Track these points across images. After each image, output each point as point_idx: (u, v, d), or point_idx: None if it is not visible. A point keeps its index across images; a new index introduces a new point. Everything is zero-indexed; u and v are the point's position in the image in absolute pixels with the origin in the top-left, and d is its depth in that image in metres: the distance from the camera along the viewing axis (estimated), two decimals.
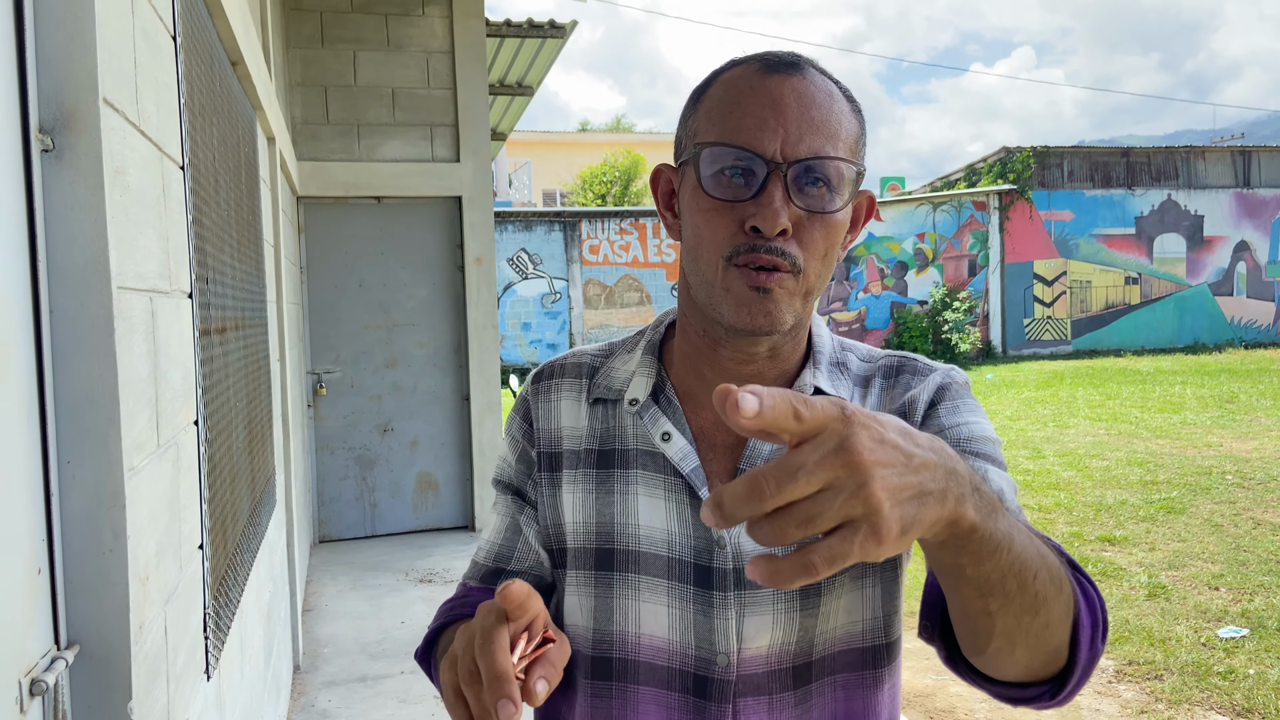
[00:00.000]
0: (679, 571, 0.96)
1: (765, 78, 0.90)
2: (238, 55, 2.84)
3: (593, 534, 1.00)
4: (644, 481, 0.99)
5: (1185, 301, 19.06)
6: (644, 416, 1.00)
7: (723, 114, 0.91)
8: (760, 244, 0.88)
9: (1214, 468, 7.67)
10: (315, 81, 6.26)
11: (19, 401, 1.00)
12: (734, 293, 0.90)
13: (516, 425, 1.08)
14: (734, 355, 0.97)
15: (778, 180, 0.87)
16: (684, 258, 0.98)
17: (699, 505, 0.96)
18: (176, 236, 1.62)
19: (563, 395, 1.06)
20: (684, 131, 0.97)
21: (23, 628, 0.98)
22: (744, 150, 0.88)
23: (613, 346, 1.10)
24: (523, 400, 1.09)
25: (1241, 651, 4.14)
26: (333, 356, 6.55)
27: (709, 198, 0.90)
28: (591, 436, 1.03)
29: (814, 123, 0.89)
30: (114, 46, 1.21)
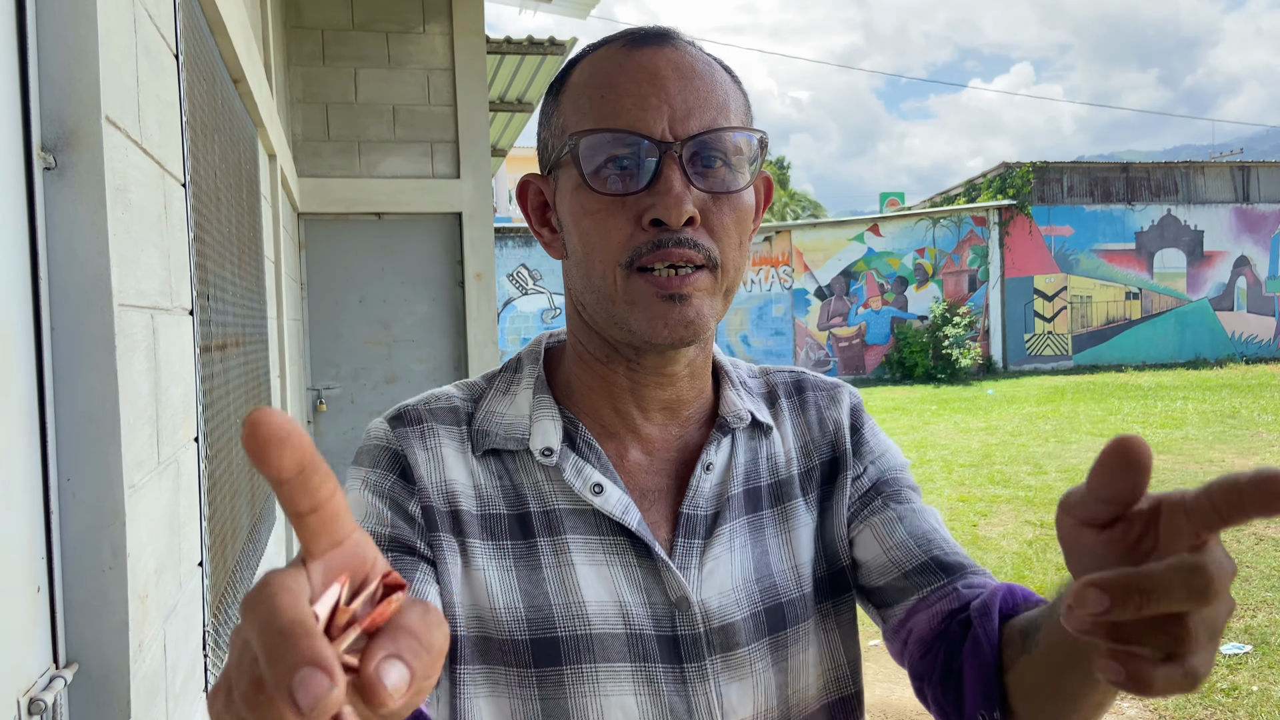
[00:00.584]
0: (642, 649, 0.80)
1: (635, 53, 0.79)
2: (239, 73, 2.85)
3: (523, 622, 0.79)
4: (579, 548, 0.81)
5: (1186, 317, 19.07)
6: (564, 468, 0.82)
7: (593, 100, 0.79)
8: (666, 238, 0.76)
9: None
10: (316, 98, 6.29)
11: (19, 418, 1.00)
12: (641, 305, 0.77)
13: (378, 480, 0.82)
14: (650, 379, 0.85)
15: (672, 163, 0.76)
16: (571, 275, 0.85)
17: (650, 567, 0.81)
18: (178, 253, 1.63)
19: (441, 443, 0.84)
20: (549, 133, 0.84)
21: (21, 646, 0.98)
22: (628, 134, 0.76)
23: (474, 389, 0.89)
24: (381, 452, 0.83)
25: (1244, 668, 4.12)
26: (333, 372, 6.55)
27: (596, 196, 0.78)
28: (494, 497, 0.83)
29: (700, 94, 0.78)
30: (116, 65, 1.22)
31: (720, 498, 0.86)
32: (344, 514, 0.43)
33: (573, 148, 0.78)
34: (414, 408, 0.86)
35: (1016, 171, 18.61)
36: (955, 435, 10.97)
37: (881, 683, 4.17)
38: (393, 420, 0.86)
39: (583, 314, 0.85)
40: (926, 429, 11.58)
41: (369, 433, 0.86)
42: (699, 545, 0.83)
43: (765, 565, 0.86)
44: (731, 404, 0.89)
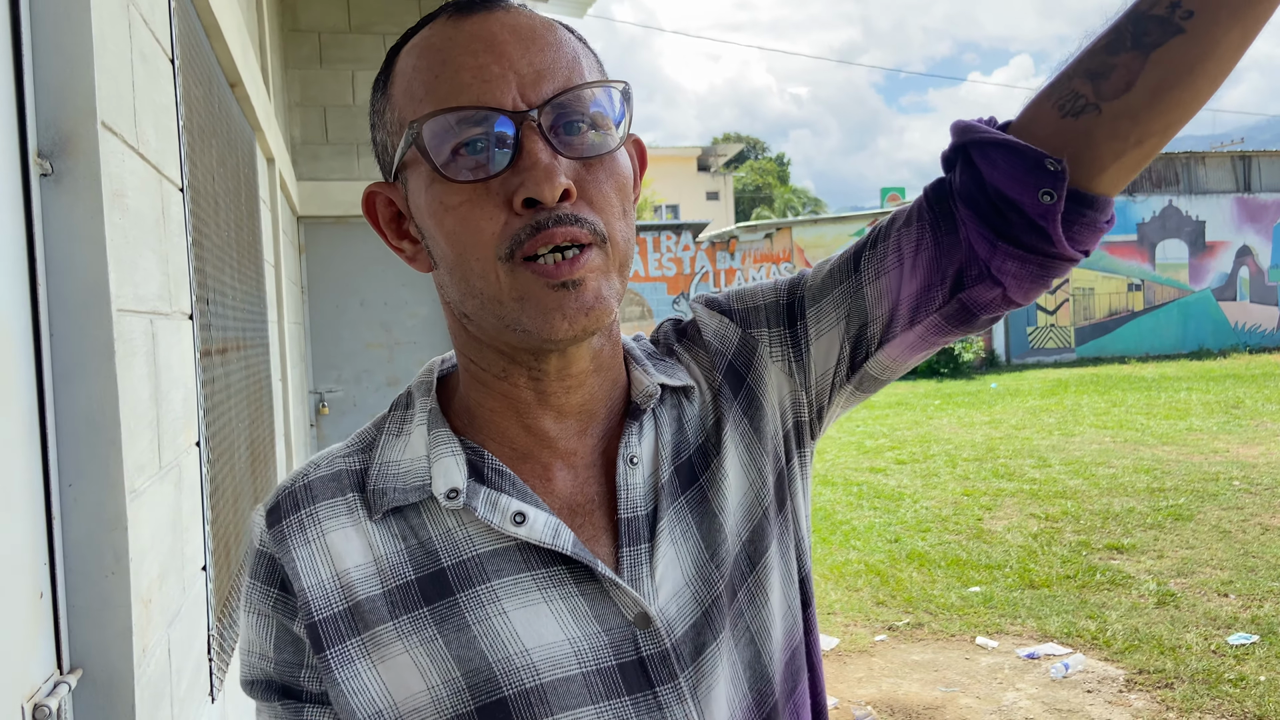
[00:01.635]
0: (605, 685, 0.71)
1: (463, 22, 0.70)
2: (236, 77, 2.85)
3: (463, 692, 0.70)
4: (507, 592, 0.71)
5: (1189, 307, 19.05)
6: (475, 506, 0.72)
7: (428, 82, 0.70)
8: (544, 218, 0.67)
9: (1221, 474, 7.65)
10: (314, 102, 6.29)
11: (20, 424, 1.00)
12: (532, 299, 0.68)
13: (260, 596, 0.74)
14: (556, 386, 0.75)
15: (533, 132, 0.67)
16: (445, 285, 0.74)
17: (595, 588, 0.72)
18: (176, 258, 1.63)
19: (326, 528, 0.74)
20: (384, 133, 0.75)
21: (25, 652, 0.98)
22: (475, 109, 0.67)
23: (364, 439, 0.80)
24: (260, 558, 0.75)
25: (1252, 658, 4.11)
26: (335, 375, 6.55)
27: (454, 187, 0.68)
28: (399, 565, 0.73)
29: (546, 54, 0.70)
30: (112, 70, 1.22)
31: (655, 489, 0.77)
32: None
33: (414, 139, 0.69)
34: (291, 490, 0.76)
35: None
36: (959, 429, 10.97)
37: (887, 678, 4.17)
38: (270, 515, 0.75)
39: (468, 327, 0.75)
40: (930, 423, 11.58)
41: (250, 528, 0.77)
42: (645, 550, 0.75)
43: (714, 539, 0.78)
44: (640, 385, 0.80)
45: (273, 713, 0.75)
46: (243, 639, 0.77)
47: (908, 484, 8.15)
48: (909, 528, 6.69)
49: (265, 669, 0.75)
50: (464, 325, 0.76)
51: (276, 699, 0.74)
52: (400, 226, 0.78)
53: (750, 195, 51.43)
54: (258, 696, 0.76)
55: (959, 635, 4.66)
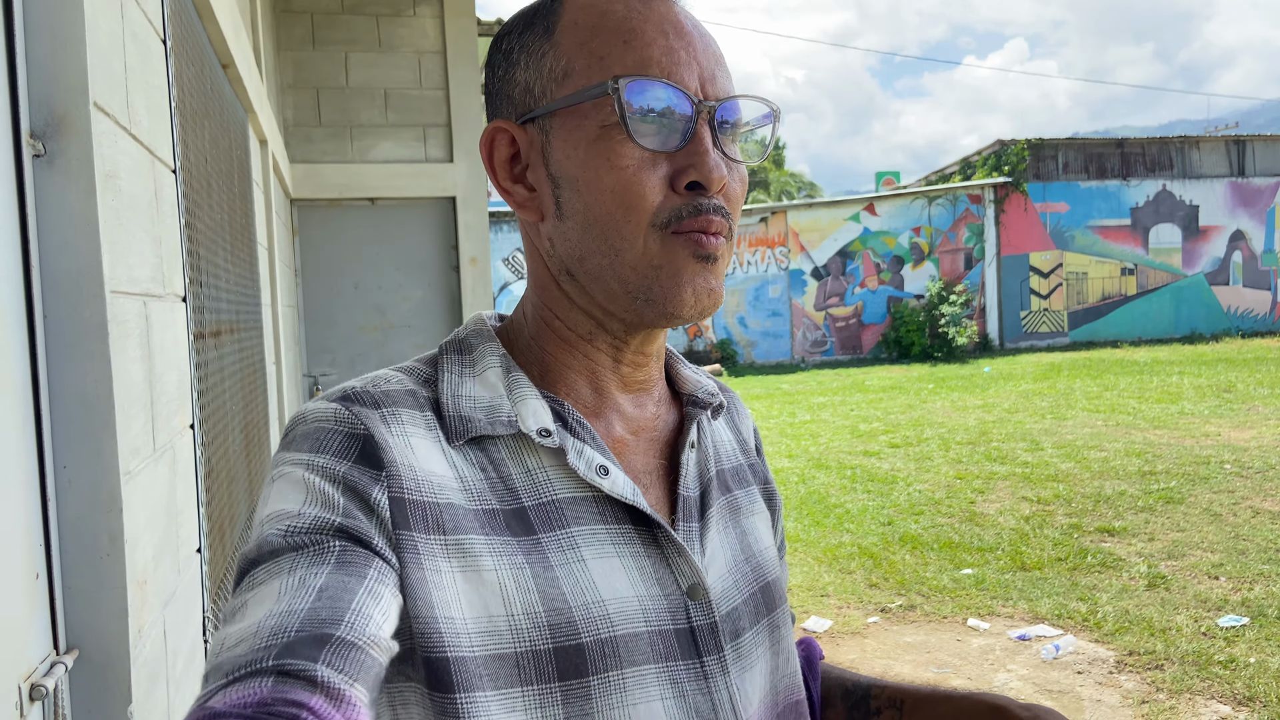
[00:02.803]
0: (664, 647, 0.71)
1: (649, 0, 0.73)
2: (228, 58, 2.84)
3: (544, 629, 0.67)
4: (586, 541, 0.71)
5: (1181, 292, 19.10)
6: (567, 449, 0.72)
7: (614, 44, 0.71)
8: (705, 203, 0.71)
9: (1212, 457, 7.69)
10: (307, 83, 6.26)
11: (14, 406, 1.00)
12: (672, 268, 0.71)
13: (330, 462, 0.65)
14: (632, 358, 0.79)
15: (705, 124, 0.71)
16: (568, 238, 0.74)
17: (658, 553, 0.74)
18: (169, 240, 1.62)
19: (409, 430, 0.69)
20: (534, 74, 0.74)
21: (21, 633, 0.98)
22: (670, 86, 0.70)
23: (419, 374, 0.76)
24: (333, 434, 0.67)
25: (1242, 640, 4.15)
26: (329, 359, 6.54)
27: (631, 149, 0.70)
28: (483, 490, 0.70)
29: (716, 57, 0.74)
30: (104, 50, 1.21)
31: (703, 478, 0.82)
32: None
33: (612, 90, 0.69)
34: (366, 390, 0.71)
35: (1012, 149, 18.57)
36: (952, 413, 11.00)
37: (880, 659, 4.19)
38: (341, 400, 0.69)
39: (564, 285, 0.76)
40: (923, 407, 11.61)
41: (303, 416, 0.69)
42: (697, 529, 0.78)
43: (748, 545, 0.84)
44: (694, 382, 0.85)
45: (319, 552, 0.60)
46: (284, 503, 0.63)
47: (901, 467, 8.18)
48: (902, 510, 6.72)
49: (324, 520, 0.62)
50: (559, 283, 0.77)
51: (337, 541, 0.61)
52: (514, 170, 0.77)
53: None
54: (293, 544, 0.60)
55: (951, 617, 4.69)
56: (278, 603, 0.56)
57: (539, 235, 0.77)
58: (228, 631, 0.56)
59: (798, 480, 7.85)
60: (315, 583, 0.57)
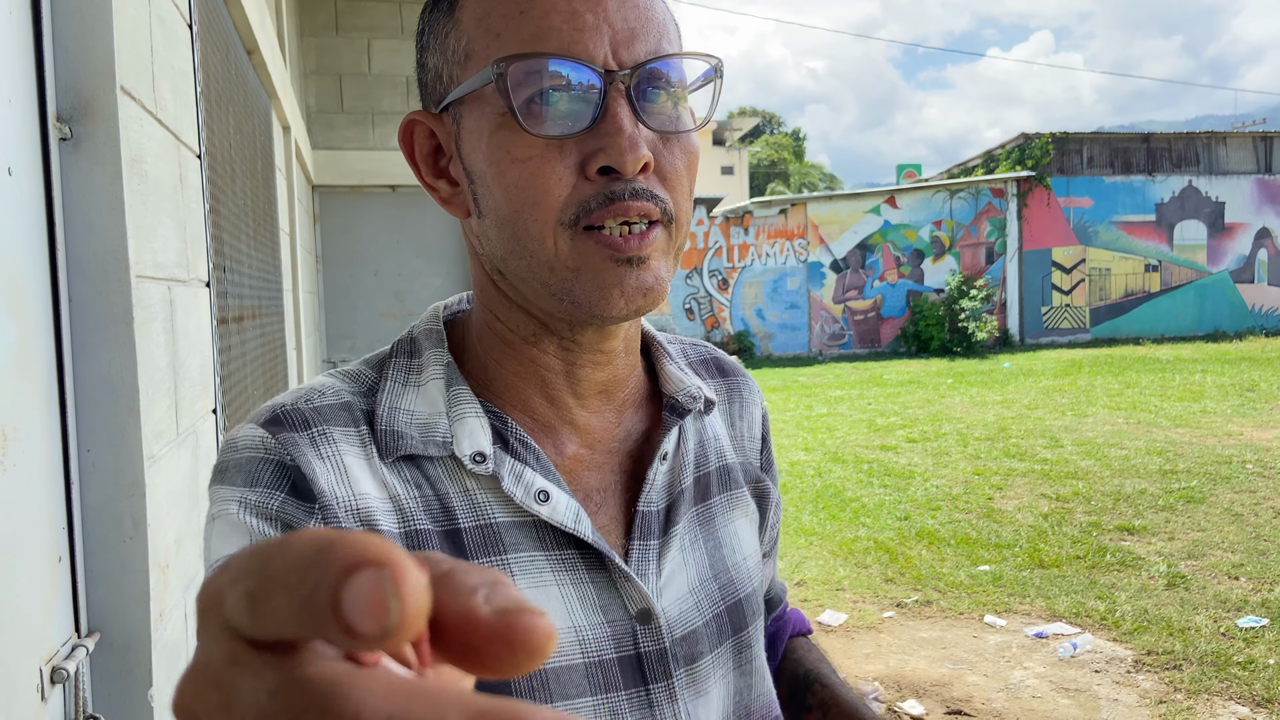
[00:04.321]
0: (604, 678, 0.68)
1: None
2: (253, 44, 2.84)
3: None
4: (522, 569, 0.67)
5: (1205, 289, 18.91)
6: (502, 475, 0.67)
7: (510, 17, 0.63)
8: (619, 189, 0.63)
9: (1234, 457, 7.62)
10: (330, 70, 6.27)
11: (39, 390, 1.01)
12: (591, 270, 0.64)
13: (261, 499, 0.62)
14: (586, 359, 0.72)
15: (620, 97, 0.62)
16: (486, 237, 0.68)
17: (603, 580, 0.69)
18: (194, 225, 1.63)
19: (340, 448, 0.66)
20: (441, 58, 0.68)
21: (43, 616, 0.99)
22: (567, 60, 0.62)
23: (361, 380, 0.72)
24: (263, 464, 0.63)
25: (1261, 641, 4.11)
26: (348, 345, 6.57)
27: (528, 139, 0.63)
28: (416, 510, 0.66)
29: (640, 13, 0.65)
30: (131, 35, 1.21)
31: (672, 489, 0.76)
32: None
33: (496, 76, 0.62)
34: (295, 408, 0.66)
35: (1035, 142, 18.42)
36: (971, 409, 10.94)
37: (895, 654, 4.18)
38: (269, 425, 0.65)
39: (499, 284, 0.70)
40: (942, 402, 11.55)
41: (234, 443, 0.65)
42: (655, 548, 0.73)
43: (720, 559, 0.78)
44: (678, 381, 0.77)
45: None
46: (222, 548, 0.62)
47: (918, 462, 8.15)
48: (919, 506, 6.69)
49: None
50: (495, 282, 0.71)
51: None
52: (438, 164, 0.72)
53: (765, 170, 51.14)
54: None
55: (967, 613, 4.67)
56: None
57: (470, 232, 0.72)
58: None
59: (814, 474, 7.83)
60: None
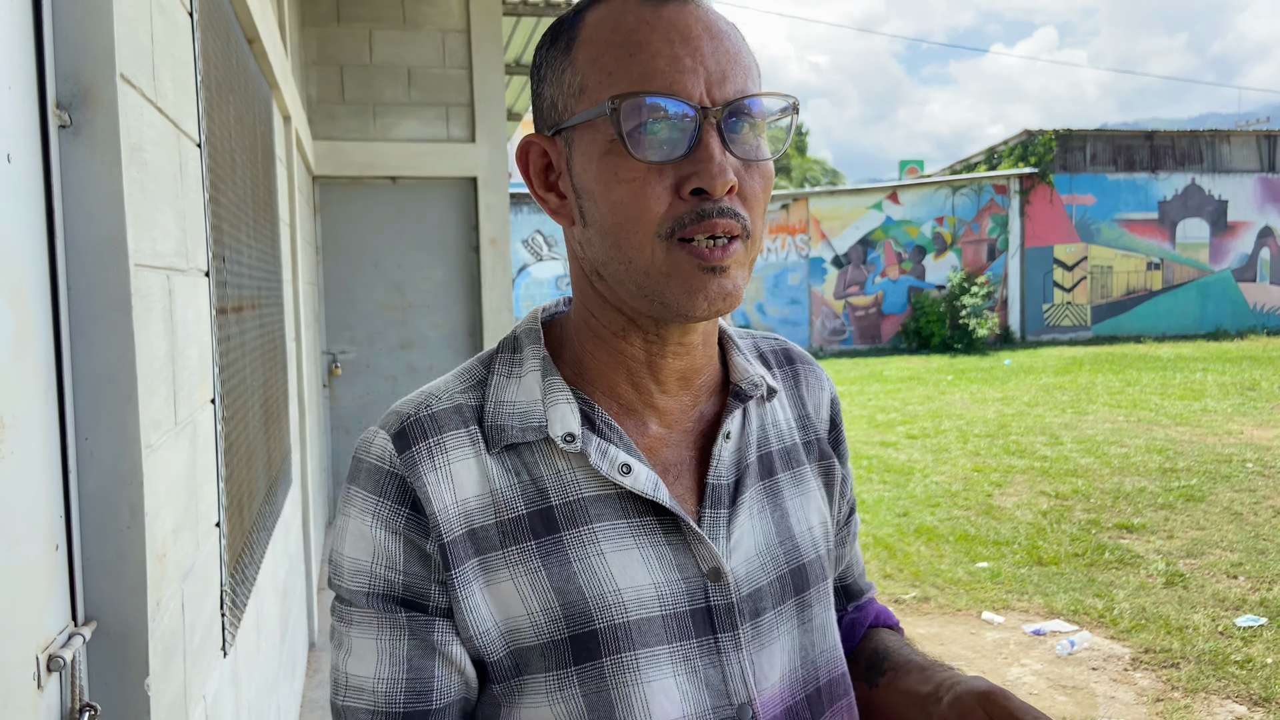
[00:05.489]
0: (678, 628, 0.79)
1: (659, 9, 0.75)
2: (254, 32, 2.83)
3: (560, 621, 0.77)
4: (606, 535, 0.79)
5: (1208, 287, 18.89)
6: (589, 452, 0.79)
7: (621, 59, 0.75)
8: (709, 208, 0.74)
9: (1234, 455, 7.62)
10: (331, 60, 6.25)
11: (38, 378, 1.00)
12: (680, 276, 0.75)
13: (390, 513, 0.78)
14: (668, 350, 0.83)
15: (711, 129, 0.74)
16: (592, 243, 0.79)
17: (679, 542, 0.81)
18: (193, 214, 1.62)
19: (451, 456, 0.79)
20: (558, 90, 0.79)
21: (40, 604, 0.98)
22: (670, 98, 0.73)
23: (473, 376, 0.85)
24: (389, 478, 0.79)
25: (1259, 640, 4.11)
26: (348, 337, 6.56)
27: (634, 163, 0.74)
28: (513, 498, 0.79)
29: (730, 56, 0.76)
30: (131, 22, 1.21)
31: (739, 465, 0.87)
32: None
33: (610, 111, 0.74)
34: (416, 419, 0.80)
35: (1039, 139, 18.38)
36: (971, 405, 10.94)
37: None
38: (397, 439, 0.79)
39: (596, 285, 0.82)
40: (942, 399, 11.55)
41: (369, 447, 0.81)
42: (725, 515, 0.84)
43: (786, 529, 0.89)
44: (743, 371, 0.89)
45: (394, 623, 0.78)
46: (359, 550, 0.79)
47: (918, 458, 8.15)
48: (918, 502, 6.69)
49: (390, 581, 0.78)
50: (593, 283, 0.82)
51: (402, 611, 0.78)
52: (549, 179, 0.83)
53: None
54: (374, 607, 0.79)
55: (965, 610, 4.67)
56: (379, 666, 0.78)
57: (573, 239, 0.83)
58: (345, 667, 0.80)
59: None
60: (401, 653, 0.78)
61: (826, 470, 0.96)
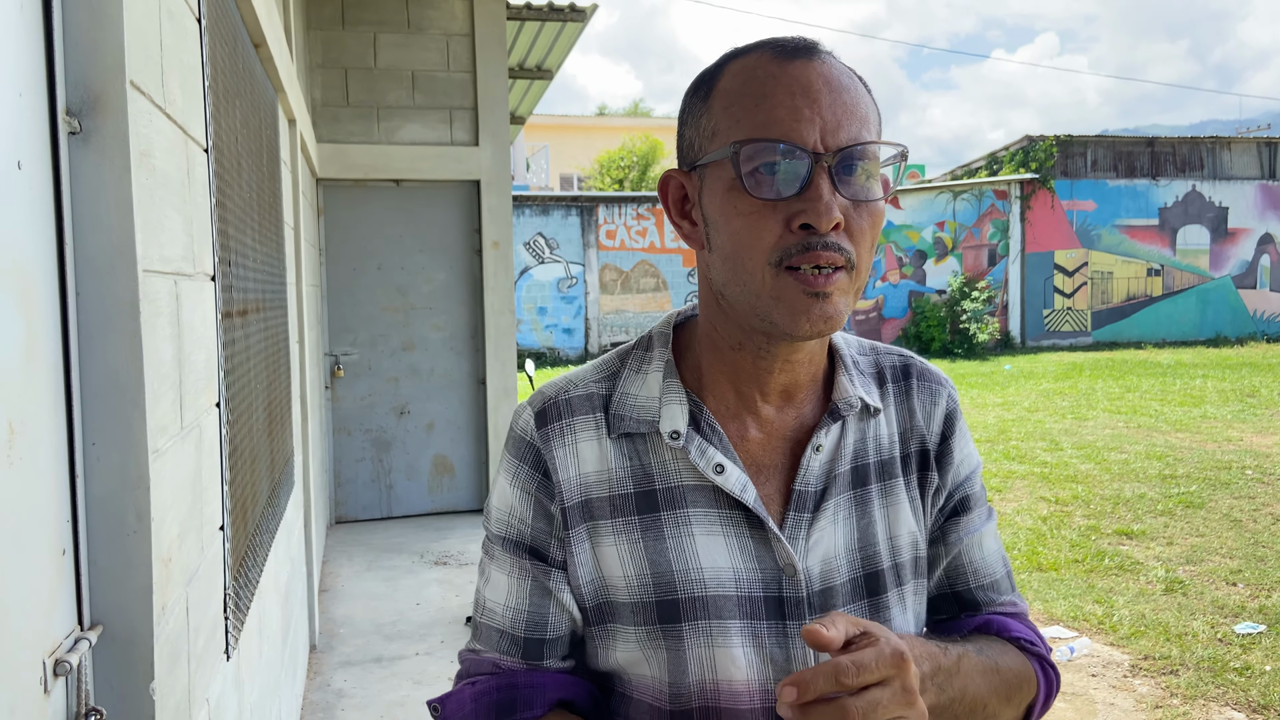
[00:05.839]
0: (750, 608, 0.92)
1: (786, 64, 0.85)
2: (260, 37, 2.84)
3: (650, 586, 0.92)
4: (699, 520, 0.93)
5: (1208, 294, 18.89)
6: (690, 450, 0.93)
7: (748, 107, 0.85)
8: (814, 241, 0.83)
9: (1234, 462, 7.62)
10: (335, 63, 6.26)
11: (45, 384, 1.01)
12: (787, 300, 0.85)
13: (527, 477, 0.96)
14: (775, 365, 0.94)
15: (822, 172, 0.83)
16: (715, 267, 0.91)
17: (761, 536, 0.93)
18: (200, 219, 1.63)
19: (579, 436, 0.96)
20: (695, 132, 0.91)
21: (47, 608, 0.99)
22: (785, 144, 0.83)
23: (609, 367, 1.00)
24: (529, 448, 0.96)
25: (1258, 647, 4.11)
26: (351, 339, 6.57)
27: (750, 199, 0.84)
28: (624, 478, 0.94)
29: (846, 107, 0.85)
30: (141, 29, 1.21)
31: (829, 475, 0.96)
32: None
33: (732, 154, 0.84)
34: (555, 403, 0.97)
35: (1040, 144, 18.39)
36: (971, 410, 10.94)
37: None
38: (538, 417, 0.97)
39: (720, 302, 0.92)
40: None
41: (518, 420, 0.98)
42: (807, 519, 0.94)
43: (868, 536, 0.97)
44: (844, 390, 0.97)
45: (519, 567, 0.96)
46: (502, 502, 0.98)
47: None
48: None
49: (522, 532, 0.96)
50: (717, 300, 0.93)
51: (527, 557, 0.96)
52: (684, 208, 0.95)
53: None
54: (508, 550, 0.97)
55: None
56: (508, 597, 0.97)
57: (702, 261, 0.94)
58: (484, 592, 0.99)
59: None
60: (525, 591, 0.96)
61: (924, 481, 1.03)
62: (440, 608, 4.86)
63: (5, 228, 0.90)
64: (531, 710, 0.93)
